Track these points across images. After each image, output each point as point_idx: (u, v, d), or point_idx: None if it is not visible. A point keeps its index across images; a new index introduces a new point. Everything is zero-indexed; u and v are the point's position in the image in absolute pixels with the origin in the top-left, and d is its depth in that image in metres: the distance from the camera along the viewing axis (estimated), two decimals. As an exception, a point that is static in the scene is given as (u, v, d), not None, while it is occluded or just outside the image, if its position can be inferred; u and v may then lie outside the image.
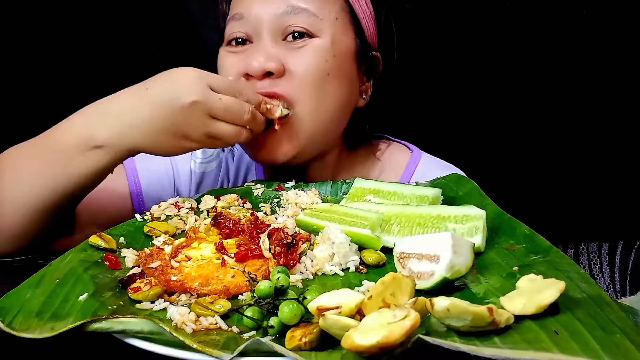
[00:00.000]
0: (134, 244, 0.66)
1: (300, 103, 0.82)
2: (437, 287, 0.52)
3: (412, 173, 0.96)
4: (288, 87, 0.81)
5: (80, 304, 0.51)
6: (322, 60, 0.83)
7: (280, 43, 0.83)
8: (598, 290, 0.48)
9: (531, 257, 0.57)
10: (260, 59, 0.80)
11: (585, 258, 1.26)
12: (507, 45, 1.26)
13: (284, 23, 0.82)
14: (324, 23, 0.83)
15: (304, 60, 0.82)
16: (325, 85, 0.83)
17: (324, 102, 0.84)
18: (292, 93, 0.81)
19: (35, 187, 0.71)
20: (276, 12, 0.82)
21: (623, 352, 0.38)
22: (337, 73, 0.85)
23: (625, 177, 1.29)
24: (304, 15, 0.82)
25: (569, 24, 1.24)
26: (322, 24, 0.83)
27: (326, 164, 0.92)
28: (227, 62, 0.85)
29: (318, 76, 0.83)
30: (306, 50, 0.82)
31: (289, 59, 0.82)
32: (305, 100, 0.82)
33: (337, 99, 0.85)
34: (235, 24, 0.84)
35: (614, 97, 1.27)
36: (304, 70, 0.82)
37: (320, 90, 0.83)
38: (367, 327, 0.42)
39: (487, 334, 0.42)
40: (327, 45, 0.83)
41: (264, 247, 0.60)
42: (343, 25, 0.86)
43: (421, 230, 0.64)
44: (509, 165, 1.29)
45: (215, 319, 0.50)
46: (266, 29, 0.82)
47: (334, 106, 0.85)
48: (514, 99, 1.28)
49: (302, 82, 0.82)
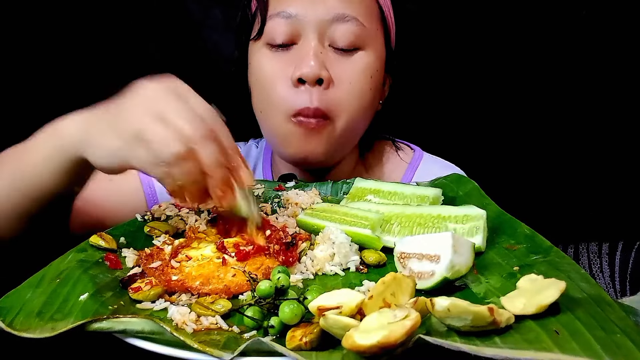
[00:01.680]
0: (134, 243, 0.66)
1: (339, 116, 0.82)
2: (437, 287, 0.53)
3: (414, 173, 0.96)
4: (331, 101, 0.80)
5: (81, 304, 0.51)
6: (369, 76, 0.83)
7: (327, 49, 0.81)
8: (598, 290, 0.48)
9: (531, 257, 0.57)
10: (312, 64, 0.78)
11: (585, 258, 1.26)
12: (508, 45, 1.25)
13: (333, 29, 0.80)
14: (369, 33, 0.83)
15: (352, 75, 0.82)
16: (365, 100, 0.84)
17: (360, 114, 0.84)
18: (333, 107, 0.80)
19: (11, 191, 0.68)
20: (326, 16, 0.80)
21: (623, 352, 0.39)
22: (377, 87, 0.86)
23: (625, 177, 1.29)
24: (353, 23, 0.81)
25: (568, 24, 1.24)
26: (368, 34, 0.83)
27: (344, 167, 0.93)
28: (272, 65, 0.82)
29: (362, 91, 0.83)
30: (355, 63, 0.82)
31: (336, 68, 0.81)
32: (344, 114, 0.82)
33: (371, 110, 0.87)
34: (281, 22, 0.81)
35: (614, 97, 1.27)
36: (350, 85, 0.81)
37: (361, 105, 0.83)
38: (368, 327, 0.42)
39: (488, 334, 0.42)
40: (373, 59, 0.84)
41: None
42: (380, 37, 0.87)
43: (421, 230, 0.64)
44: (509, 165, 1.29)
45: (215, 318, 0.50)
46: (314, 32, 0.80)
47: (367, 116, 0.87)
48: (514, 99, 1.28)
49: (345, 96, 0.81)
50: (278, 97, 0.81)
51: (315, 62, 0.79)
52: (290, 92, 0.80)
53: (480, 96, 1.28)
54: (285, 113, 0.81)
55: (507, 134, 1.29)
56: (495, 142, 1.29)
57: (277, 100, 0.81)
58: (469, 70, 1.27)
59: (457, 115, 1.28)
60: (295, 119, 0.80)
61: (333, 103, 0.81)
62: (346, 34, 0.81)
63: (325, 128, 0.81)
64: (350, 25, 0.81)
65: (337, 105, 0.81)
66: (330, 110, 0.81)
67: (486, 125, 1.29)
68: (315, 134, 0.81)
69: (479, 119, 1.29)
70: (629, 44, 1.24)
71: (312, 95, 0.79)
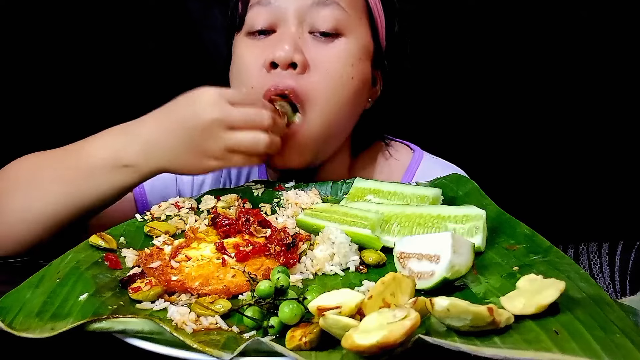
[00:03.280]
0: (134, 244, 0.66)
1: (315, 104, 0.78)
2: (437, 287, 0.52)
3: (414, 173, 0.95)
4: (307, 85, 0.78)
5: (81, 304, 0.51)
6: (349, 64, 0.80)
7: (306, 35, 0.80)
8: (598, 290, 0.48)
9: (531, 257, 0.57)
10: (287, 48, 0.77)
11: (585, 258, 1.26)
12: (508, 45, 1.26)
13: (314, 14, 0.79)
14: (352, 21, 0.81)
15: (331, 60, 0.79)
16: (344, 90, 0.81)
17: (338, 106, 0.81)
18: (309, 92, 0.78)
19: (51, 201, 0.71)
20: (306, 1, 0.79)
21: (623, 352, 0.39)
22: (360, 78, 0.82)
23: (625, 177, 1.29)
24: (334, 8, 0.79)
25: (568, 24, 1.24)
26: (350, 21, 0.81)
27: (335, 167, 0.90)
28: (250, 53, 0.81)
29: (341, 79, 0.80)
30: (334, 48, 0.80)
31: (314, 54, 0.79)
32: (320, 101, 0.79)
33: (351, 104, 0.83)
34: (261, 10, 0.80)
35: (614, 97, 1.27)
36: (328, 71, 0.79)
37: (338, 94, 0.80)
38: (367, 327, 0.42)
39: (487, 334, 0.42)
40: (354, 47, 0.81)
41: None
42: (366, 27, 0.84)
43: (421, 230, 0.64)
44: (509, 165, 1.29)
45: (215, 318, 0.50)
46: (293, 18, 0.79)
47: (347, 111, 0.83)
48: (514, 99, 1.28)
49: (322, 82, 0.79)
50: (248, 85, 0.80)
51: (289, 46, 0.77)
52: (262, 77, 0.79)
53: (480, 96, 1.28)
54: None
55: (507, 134, 1.29)
56: (495, 142, 1.29)
57: (248, 86, 0.80)
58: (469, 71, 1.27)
59: (457, 115, 1.28)
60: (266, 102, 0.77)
61: (307, 88, 0.78)
62: (326, 17, 0.79)
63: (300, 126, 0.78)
64: (330, 9, 0.79)
65: (311, 90, 0.78)
66: (304, 94, 0.78)
67: (486, 125, 1.29)
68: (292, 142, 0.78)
69: (479, 119, 1.29)
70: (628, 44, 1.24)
71: (282, 79, 0.77)
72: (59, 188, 0.71)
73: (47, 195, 0.71)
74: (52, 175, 0.72)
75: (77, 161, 0.72)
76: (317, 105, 0.79)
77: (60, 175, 0.72)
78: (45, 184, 0.72)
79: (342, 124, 0.84)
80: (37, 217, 0.71)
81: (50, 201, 0.71)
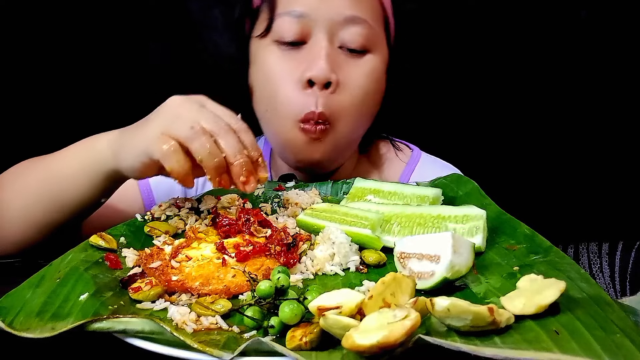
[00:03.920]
0: (134, 243, 0.66)
1: (341, 121, 0.82)
2: (437, 287, 0.53)
3: (411, 172, 0.96)
4: (337, 105, 0.80)
5: (81, 304, 0.51)
6: (375, 80, 0.84)
7: (336, 50, 0.81)
8: (598, 290, 0.48)
9: (531, 257, 0.57)
10: (324, 67, 0.78)
11: (585, 258, 1.26)
12: (508, 45, 1.26)
13: (344, 30, 0.80)
14: (377, 36, 0.84)
15: (359, 79, 0.82)
16: (368, 104, 0.84)
17: (362, 119, 0.85)
18: (336, 112, 0.80)
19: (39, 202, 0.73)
20: (337, 17, 0.80)
21: (623, 352, 0.39)
22: (380, 90, 0.86)
23: (625, 177, 1.29)
24: (364, 26, 0.81)
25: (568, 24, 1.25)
26: (376, 37, 0.83)
27: (347, 167, 0.93)
28: (282, 65, 0.82)
29: (367, 96, 0.83)
30: (363, 66, 0.82)
31: (345, 72, 0.81)
32: (346, 118, 0.82)
33: (371, 114, 0.87)
34: (291, 20, 0.80)
35: (614, 98, 1.27)
36: (356, 88, 0.82)
37: (363, 109, 0.84)
38: (368, 327, 0.42)
39: (488, 334, 0.42)
40: (379, 62, 0.84)
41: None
42: (385, 39, 0.87)
43: (421, 230, 0.64)
44: (509, 165, 1.29)
45: (215, 318, 0.50)
46: (324, 32, 0.80)
47: (367, 120, 0.87)
48: (514, 99, 1.28)
49: (350, 101, 0.81)
50: (285, 98, 0.81)
51: (326, 64, 0.79)
52: (298, 94, 0.80)
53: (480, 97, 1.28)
54: (291, 118, 0.80)
55: (506, 135, 1.29)
56: (495, 142, 1.29)
57: (284, 101, 0.81)
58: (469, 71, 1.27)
59: (457, 115, 1.28)
60: (301, 125, 0.80)
61: (337, 108, 0.81)
62: (356, 36, 0.81)
63: (328, 135, 0.81)
64: (361, 27, 0.81)
65: (340, 110, 0.81)
66: (332, 114, 0.80)
67: (486, 125, 1.29)
68: (319, 142, 0.81)
69: (479, 119, 1.29)
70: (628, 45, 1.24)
71: (317, 100, 0.79)
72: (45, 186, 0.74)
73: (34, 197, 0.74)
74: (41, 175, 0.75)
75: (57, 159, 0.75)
76: (343, 121, 0.82)
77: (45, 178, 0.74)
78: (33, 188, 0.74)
79: (361, 132, 0.89)
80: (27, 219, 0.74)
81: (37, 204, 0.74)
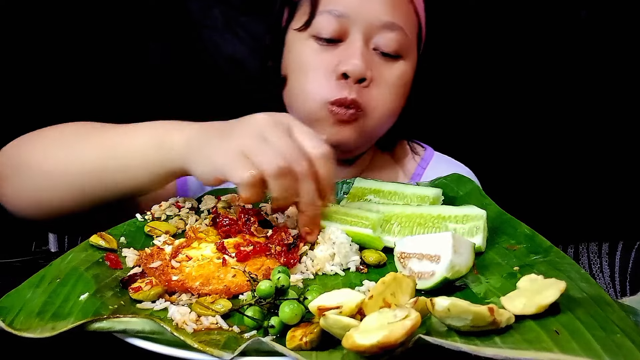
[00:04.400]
0: (134, 243, 0.66)
1: (371, 113, 0.85)
2: (437, 287, 0.53)
3: (424, 170, 0.98)
4: (368, 98, 0.83)
5: (81, 304, 0.51)
6: (405, 85, 0.88)
7: (370, 52, 0.84)
8: (598, 290, 0.48)
9: (532, 257, 0.57)
10: (360, 64, 0.81)
11: (585, 258, 1.26)
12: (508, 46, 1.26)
13: (381, 35, 0.83)
14: (411, 44, 0.87)
15: (391, 80, 0.85)
16: (396, 106, 0.88)
17: (389, 118, 0.89)
18: (368, 103, 0.84)
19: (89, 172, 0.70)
20: (375, 21, 0.82)
21: (623, 352, 0.39)
22: (407, 94, 0.90)
23: (625, 177, 1.29)
24: (400, 33, 0.84)
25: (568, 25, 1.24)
26: (410, 45, 0.87)
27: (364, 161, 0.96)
28: (318, 57, 0.85)
29: (397, 98, 0.87)
30: (395, 71, 0.86)
31: (378, 72, 0.84)
32: (376, 113, 0.85)
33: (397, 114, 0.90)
34: (331, 19, 0.83)
35: (614, 98, 1.27)
36: (387, 88, 0.85)
37: (392, 110, 0.88)
38: (368, 327, 0.42)
39: (488, 334, 0.42)
40: (410, 68, 0.88)
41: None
42: (416, 48, 0.90)
43: (422, 230, 0.64)
44: (510, 165, 1.29)
45: (216, 318, 0.50)
46: (360, 33, 0.83)
47: (392, 120, 0.90)
48: (514, 100, 1.28)
49: (381, 99, 0.85)
50: (318, 83, 0.84)
51: (362, 62, 0.81)
52: (332, 82, 0.83)
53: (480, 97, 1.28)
54: (322, 100, 0.83)
55: (507, 135, 1.29)
56: (494, 142, 1.29)
57: (316, 85, 0.84)
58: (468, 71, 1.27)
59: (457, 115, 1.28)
60: (331, 107, 0.82)
61: (369, 100, 0.84)
62: (392, 42, 0.84)
63: (357, 121, 0.84)
64: (397, 34, 0.84)
65: (373, 102, 0.84)
66: (364, 103, 0.83)
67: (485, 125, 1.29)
68: (348, 124, 0.84)
69: (479, 119, 1.29)
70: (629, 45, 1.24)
71: (351, 89, 0.82)
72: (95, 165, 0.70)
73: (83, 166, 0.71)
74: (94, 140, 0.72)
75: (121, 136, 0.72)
76: (374, 112, 0.85)
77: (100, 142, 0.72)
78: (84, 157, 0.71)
79: (385, 128, 0.91)
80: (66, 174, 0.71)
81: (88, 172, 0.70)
